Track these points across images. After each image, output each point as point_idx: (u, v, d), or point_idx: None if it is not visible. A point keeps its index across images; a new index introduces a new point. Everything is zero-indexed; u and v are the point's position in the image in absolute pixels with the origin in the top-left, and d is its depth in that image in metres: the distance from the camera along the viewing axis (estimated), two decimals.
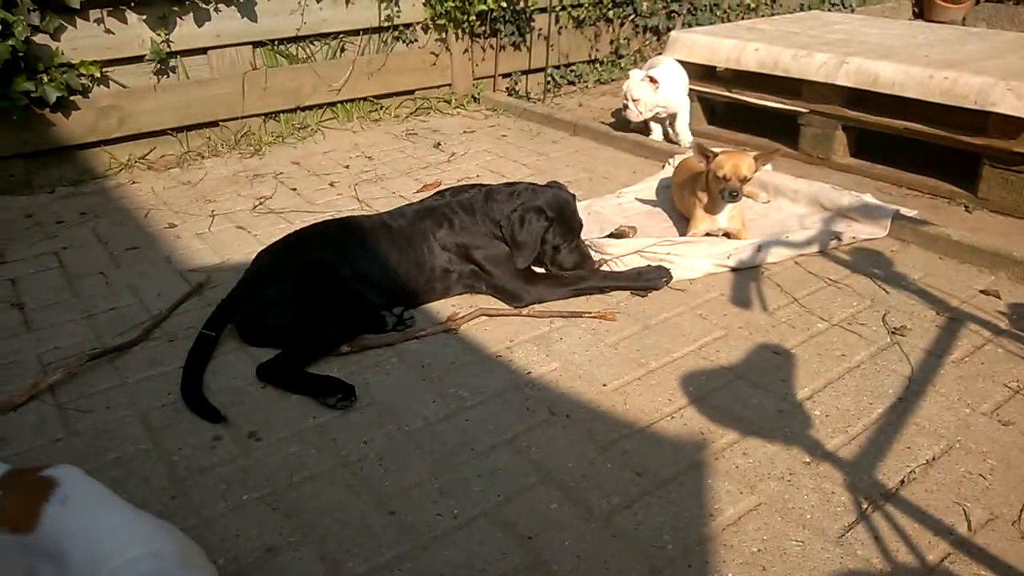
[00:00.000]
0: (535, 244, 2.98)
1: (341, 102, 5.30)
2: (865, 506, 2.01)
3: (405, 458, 2.19)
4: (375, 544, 1.90)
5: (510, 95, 5.85)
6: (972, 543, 1.89)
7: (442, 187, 3.46)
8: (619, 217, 3.71)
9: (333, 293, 2.72)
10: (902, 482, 2.09)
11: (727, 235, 3.42)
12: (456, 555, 1.88)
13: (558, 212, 3.03)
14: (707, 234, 3.38)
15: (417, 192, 4.07)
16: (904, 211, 3.54)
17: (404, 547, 1.90)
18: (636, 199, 3.92)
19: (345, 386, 2.41)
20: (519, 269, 2.95)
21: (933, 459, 2.16)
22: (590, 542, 1.91)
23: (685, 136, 4.72)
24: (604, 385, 2.49)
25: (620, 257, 3.22)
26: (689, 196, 3.45)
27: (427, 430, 2.30)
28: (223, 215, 3.90)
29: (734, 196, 3.17)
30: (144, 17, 4.37)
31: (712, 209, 3.34)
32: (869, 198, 3.65)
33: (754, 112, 4.73)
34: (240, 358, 2.66)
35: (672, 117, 4.73)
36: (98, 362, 2.62)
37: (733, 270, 3.20)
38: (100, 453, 2.21)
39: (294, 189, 4.22)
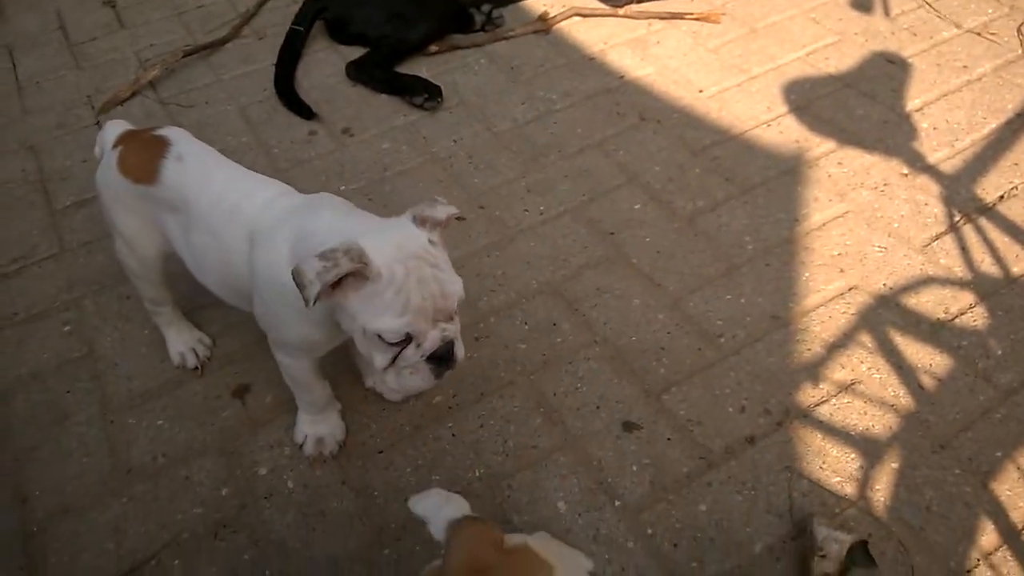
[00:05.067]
0: None
1: None
2: (957, 218, 1.97)
3: (493, 157, 2.23)
4: (465, 233, 2.02)
5: None
6: None
7: None
8: None
9: None
10: (1001, 197, 2.01)
11: None
12: (541, 246, 1.98)
13: None
14: None
15: None
16: None
17: (493, 237, 2.01)
18: None
19: (432, 86, 2.39)
20: None
21: None
22: (671, 240, 1.97)
23: None
24: (700, 91, 2.39)
25: None
26: None
27: (515, 131, 2.30)
28: None
29: None
30: None
31: None
32: None
33: None
34: (330, 57, 2.65)
35: None
36: (193, 59, 2.67)
37: None
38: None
39: None
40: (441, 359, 1.26)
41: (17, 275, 2.00)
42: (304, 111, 2.39)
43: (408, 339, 1.22)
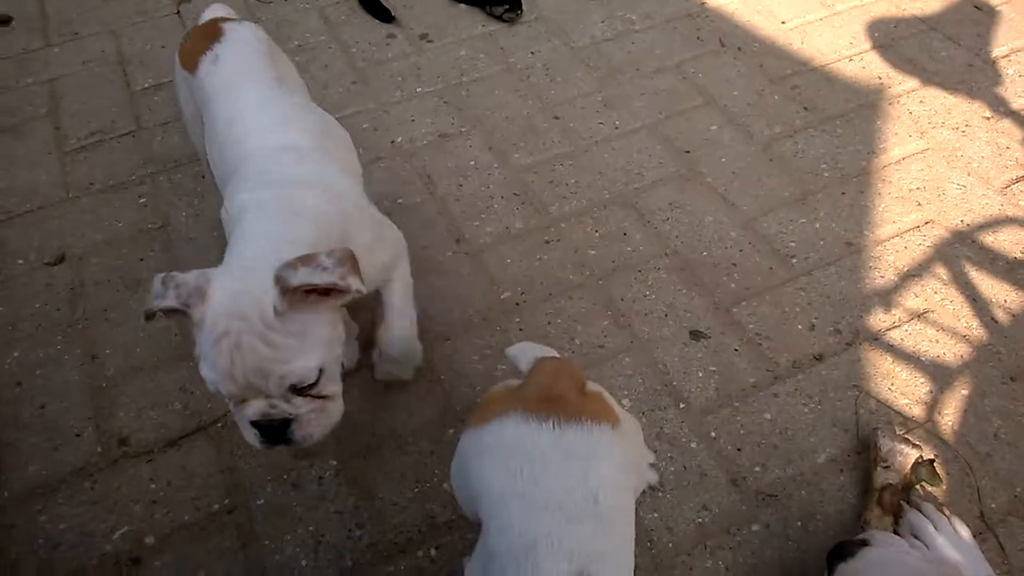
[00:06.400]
0: None
1: None
2: None
3: (570, 71, 2.21)
4: (539, 141, 2.01)
5: None
6: None
7: None
8: None
9: None
10: None
11: None
12: (615, 159, 1.97)
13: None
14: None
15: None
16: None
17: (566, 147, 2.00)
18: None
19: None
20: None
21: None
22: (746, 162, 1.95)
23: None
24: (783, 22, 2.35)
25: None
26: None
27: (593, 48, 2.28)
28: None
29: None
30: None
31: None
32: None
33: None
34: None
35: None
36: None
37: None
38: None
39: None
40: (267, 430, 1.10)
41: (95, 148, 2.03)
42: (383, 14, 2.37)
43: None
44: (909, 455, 1.39)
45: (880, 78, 2.16)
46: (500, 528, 0.89)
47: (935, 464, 1.38)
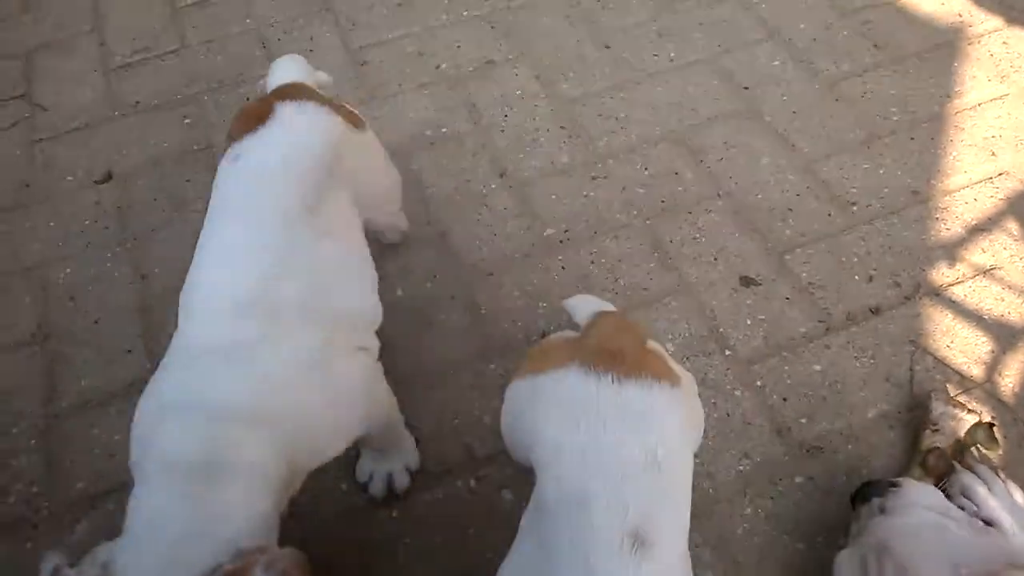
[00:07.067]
0: None
1: None
2: None
3: None
4: (589, 72, 1.92)
5: None
6: None
7: None
8: None
9: None
10: None
11: None
12: (669, 93, 1.88)
13: None
14: None
15: None
16: None
17: (617, 79, 1.91)
18: None
19: None
20: None
21: None
22: (809, 101, 1.84)
23: None
24: None
25: None
26: None
27: None
28: None
29: None
30: None
31: None
32: None
33: None
34: None
35: None
36: None
37: None
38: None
39: None
40: None
41: (140, 66, 2.00)
42: None
43: None
44: (962, 420, 1.33)
45: (960, 16, 2.01)
46: (554, 480, 0.87)
47: (993, 428, 1.33)
